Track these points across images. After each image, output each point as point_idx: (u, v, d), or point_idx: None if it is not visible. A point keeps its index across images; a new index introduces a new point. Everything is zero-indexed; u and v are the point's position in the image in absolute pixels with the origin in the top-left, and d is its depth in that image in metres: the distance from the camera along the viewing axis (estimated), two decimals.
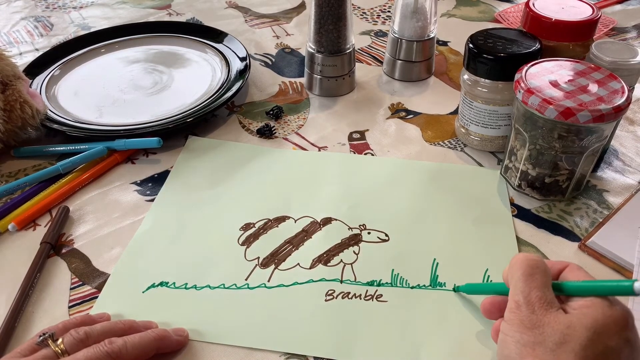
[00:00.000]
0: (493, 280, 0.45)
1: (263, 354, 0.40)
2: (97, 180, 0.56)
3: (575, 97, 0.46)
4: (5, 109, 0.56)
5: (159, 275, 0.46)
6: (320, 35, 0.64)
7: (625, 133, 0.62)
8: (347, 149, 0.60)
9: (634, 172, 0.57)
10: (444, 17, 0.88)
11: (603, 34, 0.82)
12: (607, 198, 0.54)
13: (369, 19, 0.88)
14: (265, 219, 0.51)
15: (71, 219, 0.52)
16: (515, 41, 0.54)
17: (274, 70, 0.75)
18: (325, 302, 0.44)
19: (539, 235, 0.50)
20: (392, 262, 0.47)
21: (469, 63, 0.55)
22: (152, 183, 0.56)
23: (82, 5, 0.93)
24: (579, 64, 0.50)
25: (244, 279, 0.46)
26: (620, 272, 0.46)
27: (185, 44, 0.77)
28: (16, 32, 0.85)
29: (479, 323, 0.42)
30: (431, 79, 0.73)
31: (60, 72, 0.71)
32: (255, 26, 0.86)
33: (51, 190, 0.54)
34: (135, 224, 0.51)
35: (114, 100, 0.67)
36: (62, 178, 0.55)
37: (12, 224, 0.50)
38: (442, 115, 0.66)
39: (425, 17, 0.68)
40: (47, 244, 0.48)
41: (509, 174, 0.54)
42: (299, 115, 0.66)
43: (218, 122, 0.65)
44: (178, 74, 0.72)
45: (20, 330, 0.42)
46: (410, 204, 0.53)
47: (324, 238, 0.49)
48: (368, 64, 0.76)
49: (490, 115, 0.56)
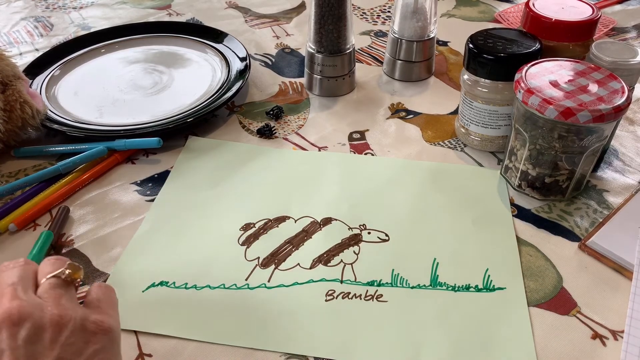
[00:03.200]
0: (493, 280, 0.45)
1: (263, 354, 0.40)
2: (97, 180, 0.56)
3: (575, 97, 0.46)
4: (5, 109, 0.56)
5: (159, 275, 0.46)
6: (320, 35, 0.64)
7: (625, 133, 0.62)
8: (347, 149, 0.60)
9: (634, 172, 0.57)
10: (444, 17, 0.88)
11: (603, 34, 0.82)
12: (607, 198, 0.54)
13: (369, 19, 0.88)
14: (266, 219, 0.51)
15: (71, 219, 0.52)
16: (515, 41, 0.54)
17: (274, 70, 0.75)
18: (325, 302, 0.44)
19: (539, 235, 0.50)
20: (392, 262, 0.47)
21: (469, 63, 0.55)
22: (152, 183, 0.56)
23: (82, 6, 0.93)
24: (579, 64, 0.50)
25: (244, 279, 0.46)
26: (621, 272, 0.46)
27: (185, 44, 0.77)
28: (16, 32, 0.85)
29: (479, 323, 0.42)
30: (431, 79, 0.73)
31: (60, 72, 0.71)
32: (255, 26, 0.86)
33: (51, 191, 0.54)
34: (135, 224, 0.51)
35: (114, 100, 0.67)
36: (62, 178, 0.55)
37: (12, 224, 0.50)
38: (442, 115, 0.66)
39: (425, 17, 0.68)
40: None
41: (509, 174, 0.54)
42: (299, 115, 0.66)
43: (218, 122, 0.65)
44: (178, 74, 0.72)
45: None
46: (410, 204, 0.53)
47: (324, 238, 0.49)
48: (368, 64, 0.76)
49: (491, 115, 0.56)
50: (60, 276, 0.34)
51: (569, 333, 0.42)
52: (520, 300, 0.44)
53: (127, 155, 0.59)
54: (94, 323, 0.32)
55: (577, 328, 0.42)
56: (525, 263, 0.47)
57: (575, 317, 0.43)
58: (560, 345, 0.41)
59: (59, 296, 0.33)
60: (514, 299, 0.44)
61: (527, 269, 0.47)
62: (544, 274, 0.46)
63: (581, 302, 0.44)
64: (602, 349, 0.41)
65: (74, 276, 0.34)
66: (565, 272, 0.46)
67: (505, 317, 0.43)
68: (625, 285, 0.45)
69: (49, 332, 0.30)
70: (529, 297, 0.44)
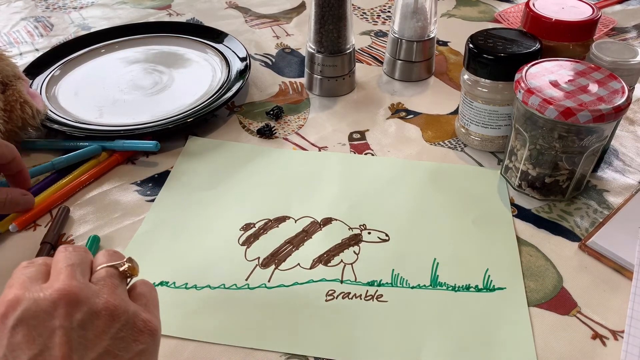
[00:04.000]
0: (493, 280, 0.45)
1: (263, 354, 0.40)
2: (97, 180, 0.56)
3: (575, 97, 0.46)
4: (5, 109, 0.56)
5: (159, 275, 0.46)
6: (320, 35, 0.64)
7: (626, 133, 0.62)
8: (347, 149, 0.60)
9: (634, 172, 0.57)
10: (444, 17, 0.88)
11: (603, 34, 0.82)
12: (608, 198, 0.54)
13: (369, 19, 0.88)
14: (266, 219, 0.51)
15: (71, 219, 0.52)
16: (515, 41, 0.54)
17: (274, 70, 0.75)
18: (325, 302, 0.44)
19: (539, 235, 0.50)
20: (392, 262, 0.47)
21: (469, 63, 0.55)
22: (153, 183, 0.56)
23: (82, 6, 0.93)
24: (579, 64, 0.50)
25: (244, 279, 0.46)
26: (621, 272, 0.46)
27: (186, 44, 0.77)
28: (16, 32, 0.85)
29: (479, 323, 0.42)
30: (431, 79, 0.73)
31: (60, 73, 0.71)
32: (255, 26, 0.86)
33: (52, 191, 0.54)
34: (135, 224, 0.51)
35: (114, 100, 0.67)
36: (63, 179, 0.55)
37: (12, 225, 0.50)
38: (442, 115, 0.66)
39: (425, 17, 0.68)
40: (48, 244, 0.48)
41: (509, 174, 0.54)
42: (299, 116, 0.66)
43: (218, 122, 0.65)
44: (178, 74, 0.72)
45: None
46: (410, 204, 0.53)
47: (324, 238, 0.49)
48: (368, 64, 0.76)
49: (491, 115, 0.56)
50: (118, 267, 0.33)
51: (569, 333, 0.42)
52: (521, 300, 0.44)
53: (127, 156, 0.59)
54: (143, 321, 0.31)
55: (577, 328, 0.42)
56: (525, 263, 0.47)
57: (576, 317, 0.43)
58: (560, 345, 0.41)
59: (115, 286, 0.31)
60: (514, 299, 0.44)
61: (527, 269, 0.47)
62: (544, 274, 0.46)
63: (581, 302, 0.44)
64: (602, 349, 0.41)
65: (132, 272, 0.33)
66: (565, 272, 0.46)
67: (505, 317, 0.43)
68: (625, 285, 0.45)
69: (102, 321, 0.29)
70: (529, 297, 0.44)
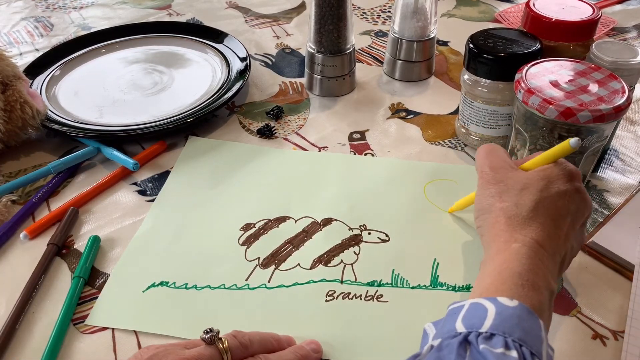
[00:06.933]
0: None
1: None
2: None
3: (575, 97, 0.46)
4: (5, 110, 0.56)
5: (159, 275, 0.46)
6: (320, 35, 0.64)
7: (626, 133, 0.62)
8: (348, 149, 0.60)
9: (635, 172, 0.57)
10: (444, 17, 0.88)
11: (603, 34, 0.82)
12: (608, 198, 0.54)
13: (369, 19, 0.88)
14: (266, 219, 0.51)
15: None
16: (515, 41, 0.54)
17: (274, 70, 0.75)
18: (325, 302, 0.44)
19: None
20: (392, 262, 0.47)
21: (469, 63, 0.55)
22: (153, 183, 0.56)
23: (82, 6, 0.93)
24: (579, 64, 0.50)
25: (245, 279, 0.46)
26: (621, 272, 0.46)
27: (186, 44, 0.77)
28: (16, 32, 0.85)
29: None
30: (431, 79, 0.73)
31: (60, 73, 0.71)
32: (255, 26, 0.86)
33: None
34: (135, 224, 0.51)
35: (114, 100, 0.67)
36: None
37: (24, 233, 0.49)
38: (442, 115, 0.66)
39: (425, 17, 0.68)
40: (54, 245, 0.48)
41: None
42: (299, 116, 0.66)
43: (218, 122, 0.65)
44: (178, 74, 0.72)
45: (22, 331, 0.42)
46: (410, 204, 0.53)
47: (324, 238, 0.49)
48: (368, 64, 0.76)
49: (491, 115, 0.56)
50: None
51: (569, 333, 0.42)
52: None
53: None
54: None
55: (577, 328, 0.42)
56: None
57: (576, 317, 0.43)
58: (560, 345, 0.41)
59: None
60: None
61: None
62: None
63: (581, 302, 0.44)
64: (603, 349, 0.41)
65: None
66: (565, 272, 0.46)
67: None
68: (625, 285, 0.45)
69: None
70: None
